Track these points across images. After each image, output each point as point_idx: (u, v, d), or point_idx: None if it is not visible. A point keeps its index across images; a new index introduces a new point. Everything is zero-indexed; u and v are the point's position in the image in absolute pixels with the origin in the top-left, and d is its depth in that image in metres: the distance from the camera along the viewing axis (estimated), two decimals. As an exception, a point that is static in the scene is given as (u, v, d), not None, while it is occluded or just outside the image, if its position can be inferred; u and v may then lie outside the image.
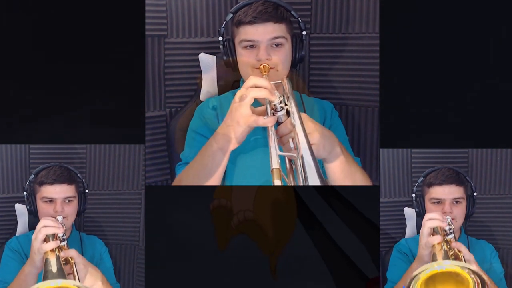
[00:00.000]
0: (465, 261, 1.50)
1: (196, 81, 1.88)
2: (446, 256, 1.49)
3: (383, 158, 1.93)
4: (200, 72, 1.86)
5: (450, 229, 1.57)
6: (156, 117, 1.89)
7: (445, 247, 1.52)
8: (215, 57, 1.85)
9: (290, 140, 1.37)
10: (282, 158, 1.33)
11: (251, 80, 1.41)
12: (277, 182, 1.20)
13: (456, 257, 1.52)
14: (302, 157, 1.22)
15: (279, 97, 1.40)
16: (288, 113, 1.39)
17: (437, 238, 1.53)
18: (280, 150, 1.35)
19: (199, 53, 1.86)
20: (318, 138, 1.40)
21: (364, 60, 1.87)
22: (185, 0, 1.86)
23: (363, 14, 1.86)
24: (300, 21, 1.68)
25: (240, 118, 1.39)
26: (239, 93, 1.41)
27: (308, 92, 1.92)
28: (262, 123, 1.37)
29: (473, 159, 1.97)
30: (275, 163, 1.25)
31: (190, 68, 1.88)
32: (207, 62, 1.85)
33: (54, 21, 1.77)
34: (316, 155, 1.30)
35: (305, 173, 1.19)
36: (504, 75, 1.78)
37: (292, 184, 1.32)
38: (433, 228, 1.57)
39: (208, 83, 1.86)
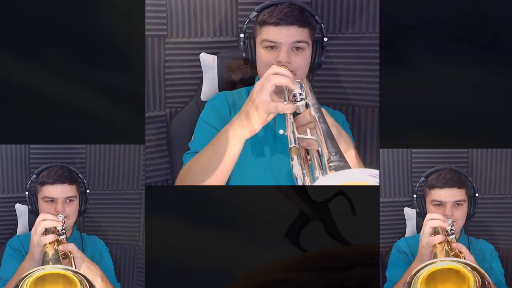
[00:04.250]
0: None
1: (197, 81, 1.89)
2: (447, 256, 1.49)
3: (383, 158, 1.93)
4: (201, 72, 1.87)
5: (451, 229, 1.57)
6: (156, 117, 1.89)
7: (446, 247, 1.52)
8: (215, 57, 1.85)
9: (308, 131, 1.36)
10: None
11: (273, 68, 1.43)
12: (295, 159, 1.19)
13: (457, 258, 1.52)
14: (325, 139, 1.21)
15: (299, 87, 1.40)
16: (306, 106, 1.39)
17: (439, 238, 1.53)
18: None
19: (199, 53, 1.86)
20: (336, 133, 1.39)
21: (364, 60, 1.87)
22: (185, 0, 1.86)
23: (363, 14, 1.86)
24: (323, 27, 1.67)
25: (260, 104, 1.39)
26: (259, 82, 1.42)
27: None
28: (282, 109, 1.38)
29: (473, 159, 1.97)
30: (293, 143, 1.26)
31: (190, 68, 1.88)
32: (208, 62, 1.85)
33: (54, 20, 1.77)
34: None
35: (329, 153, 1.16)
36: (505, 75, 1.78)
37: (307, 172, 1.30)
38: (434, 228, 1.57)
39: (209, 83, 1.86)
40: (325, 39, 1.67)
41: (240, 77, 1.86)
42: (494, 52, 1.77)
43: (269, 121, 1.44)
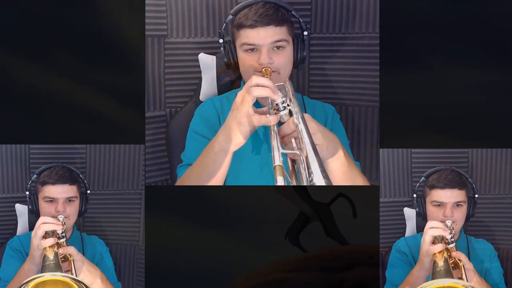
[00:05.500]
0: (464, 270, 1.51)
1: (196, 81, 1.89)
2: (447, 264, 1.50)
3: (383, 158, 1.93)
4: (200, 72, 1.87)
5: (451, 237, 1.58)
6: (156, 117, 1.89)
7: (445, 255, 1.54)
8: (214, 57, 1.85)
9: (293, 140, 1.35)
10: (284, 158, 1.32)
11: (253, 79, 1.39)
12: (280, 179, 1.18)
13: (456, 265, 1.54)
14: (307, 156, 1.21)
15: (282, 97, 1.38)
16: (290, 113, 1.37)
17: (439, 247, 1.54)
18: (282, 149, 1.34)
19: (199, 53, 1.86)
20: (321, 139, 1.38)
21: (364, 60, 1.87)
22: (185, 0, 1.86)
23: (363, 14, 1.86)
24: (301, 21, 1.66)
25: (242, 117, 1.37)
26: (240, 93, 1.40)
27: (308, 92, 1.92)
28: (265, 122, 1.36)
29: (473, 159, 1.97)
30: (278, 161, 1.24)
31: (190, 68, 1.88)
32: (207, 62, 1.85)
33: (53, 20, 1.77)
34: None
35: (309, 173, 1.17)
36: (505, 75, 1.78)
37: (295, 184, 1.31)
38: (435, 236, 1.58)
39: (208, 83, 1.86)
40: (305, 33, 1.65)
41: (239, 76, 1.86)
42: (494, 52, 1.77)
43: (253, 131, 1.42)
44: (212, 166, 1.45)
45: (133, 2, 1.79)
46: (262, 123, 1.37)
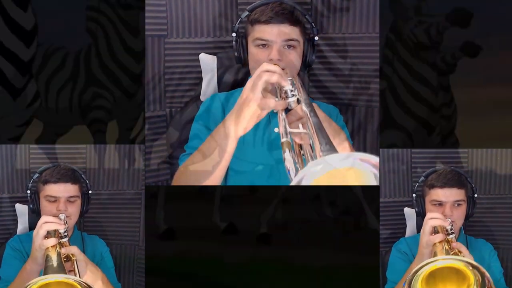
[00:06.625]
0: None
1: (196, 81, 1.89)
2: (447, 255, 1.50)
3: (383, 158, 1.93)
4: (200, 72, 1.87)
5: (451, 228, 1.58)
6: (156, 117, 1.89)
7: (446, 246, 1.53)
8: (215, 57, 1.86)
9: (300, 125, 1.36)
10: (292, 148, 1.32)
11: (264, 66, 1.43)
12: (287, 153, 1.20)
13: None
14: (317, 133, 1.21)
15: (290, 84, 1.40)
16: (298, 102, 1.39)
17: (439, 237, 1.54)
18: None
19: (199, 53, 1.86)
20: (328, 127, 1.39)
21: (364, 60, 1.87)
22: (185, 0, 1.86)
23: (363, 14, 1.86)
24: (314, 26, 1.70)
25: (251, 101, 1.40)
26: (251, 79, 1.43)
27: (308, 92, 1.92)
28: (274, 105, 1.38)
29: (473, 159, 1.97)
30: (285, 138, 1.26)
31: (190, 68, 1.88)
32: (207, 62, 1.85)
33: (54, 20, 1.77)
34: None
35: (321, 146, 1.16)
36: (504, 75, 1.79)
37: (300, 167, 1.31)
38: (434, 227, 1.57)
39: (208, 83, 1.86)
40: (316, 38, 1.68)
41: (241, 77, 1.86)
42: (494, 53, 1.78)
43: (261, 118, 1.44)
44: (216, 151, 1.47)
45: (133, 2, 1.79)
46: (271, 107, 1.39)
